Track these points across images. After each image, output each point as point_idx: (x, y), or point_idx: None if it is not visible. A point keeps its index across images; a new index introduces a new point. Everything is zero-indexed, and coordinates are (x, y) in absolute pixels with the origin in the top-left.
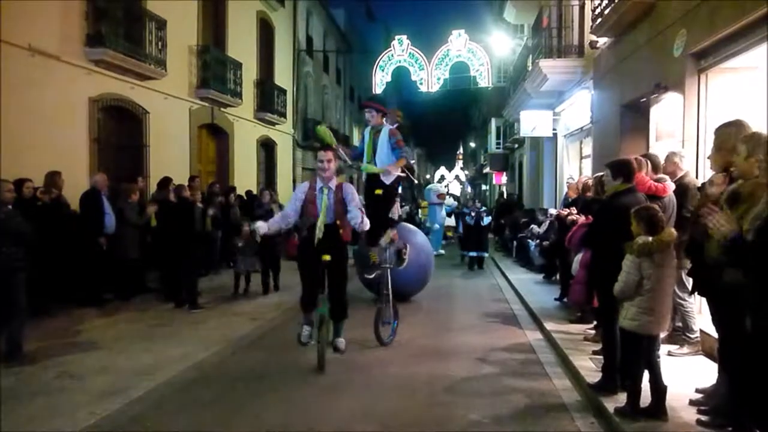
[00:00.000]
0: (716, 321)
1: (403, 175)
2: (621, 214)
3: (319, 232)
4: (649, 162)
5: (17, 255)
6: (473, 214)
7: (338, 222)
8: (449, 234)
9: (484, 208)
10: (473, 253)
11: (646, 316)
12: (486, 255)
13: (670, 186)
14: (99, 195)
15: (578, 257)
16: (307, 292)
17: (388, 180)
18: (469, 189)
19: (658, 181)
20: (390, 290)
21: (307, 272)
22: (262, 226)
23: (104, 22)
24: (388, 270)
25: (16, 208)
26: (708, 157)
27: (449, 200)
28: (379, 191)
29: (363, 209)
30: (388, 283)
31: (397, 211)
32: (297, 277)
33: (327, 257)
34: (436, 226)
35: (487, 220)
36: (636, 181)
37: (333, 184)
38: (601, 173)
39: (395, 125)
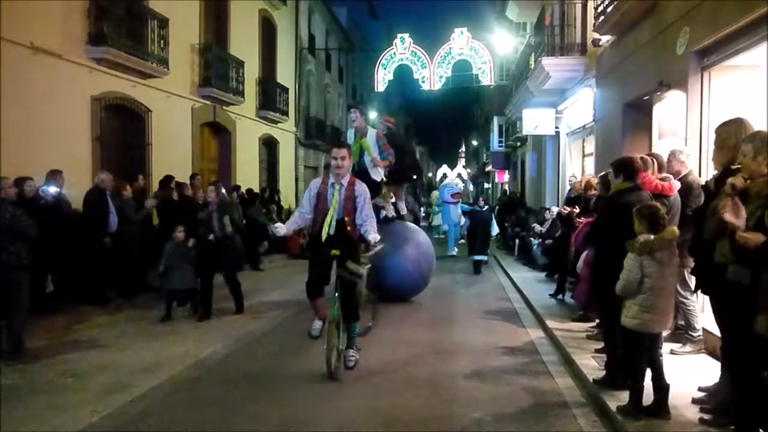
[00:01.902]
0: (719, 319)
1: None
2: (624, 212)
3: (329, 228)
4: (655, 161)
5: (22, 253)
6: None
7: (346, 219)
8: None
9: (486, 207)
10: (477, 257)
11: (647, 314)
12: (485, 258)
13: (676, 185)
14: (104, 194)
15: (583, 255)
16: (312, 278)
17: (378, 177)
18: (471, 187)
19: (663, 179)
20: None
21: (315, 263)
22: (281, 228)
23: (106, 21)
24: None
25: (20, 207)
26: (713, 159)
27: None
28: None
29: (372, 216)
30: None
31: (392, 209)
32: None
33: (336, 252)
34: (444, 227)
35: (494, 230)
36: (643, 180)
37: (346, 180)
38: (606, 171)
39: (385, 131)
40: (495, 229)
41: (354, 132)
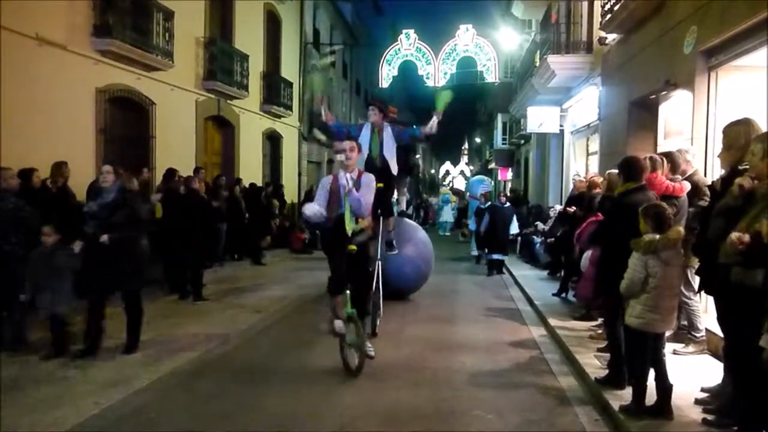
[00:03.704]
0: (722, 320)
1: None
2: (630, 212)
3: (350, 225)
4: (665, 161)
5: (23, 244)
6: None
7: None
8: (465, 232)
9: (508, 204)
10: (496, 256)
11: (651, 313)
12: (503, 258)
13: (686, 186)
14: None
15: (587, 254)
16: (336, 275)
17: (395, 170)
18: None
19: (672, 180)
20: (380, 282)
21: (336, 260)
22: (315, 211)
23: (112, 13)
24: (379, 263)
25: (22, 198)
26: (718, 156)
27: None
28: (380, 184)
29: (369, 204)
30: (379, 275)
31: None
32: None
33: (353, 247)
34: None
35: (514, 229)
36: (654, 182)
37: (355, 174)
38: (614, 170)
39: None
40: (515, 228)
41: (371, 127)
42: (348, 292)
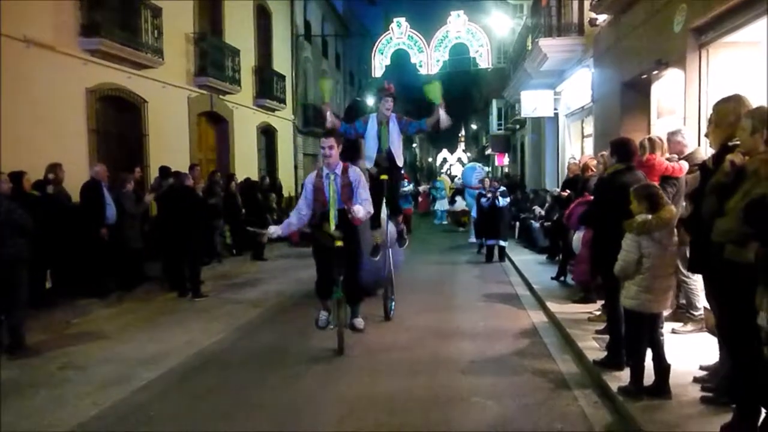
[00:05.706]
0: (714, 297)
1: None
2: (619, 192)
3: (334, 220)
4: (663, 142)
5: (20, 247)
6: (489, 195)
7: (347, 207)
8: (464, 219)
9: (502, 188)
10: (491, 242)
11: (645, 294)
12: (504, 244)
13: (685, 166)
14: (100, 186)
15: (578, 235)
16: (322, 279)
17: (401, 162)
18: None
19: (670, 160)
20: (392, 268)
21: (322, 260)
22: (274, 231)
23: (99, 12)
24: (389, 250)
25: (16, 200)
26: (705, 135)
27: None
28: (384, 176)
29: (369, 199)
30: (390, 261)
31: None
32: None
33: (339, 243)
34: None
35: (504, 201)
36: (654, 163)
37: (339, 169)
38: (606, 152)
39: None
40: (503, 201)
41: (375, 119)
42: (341, 278)
